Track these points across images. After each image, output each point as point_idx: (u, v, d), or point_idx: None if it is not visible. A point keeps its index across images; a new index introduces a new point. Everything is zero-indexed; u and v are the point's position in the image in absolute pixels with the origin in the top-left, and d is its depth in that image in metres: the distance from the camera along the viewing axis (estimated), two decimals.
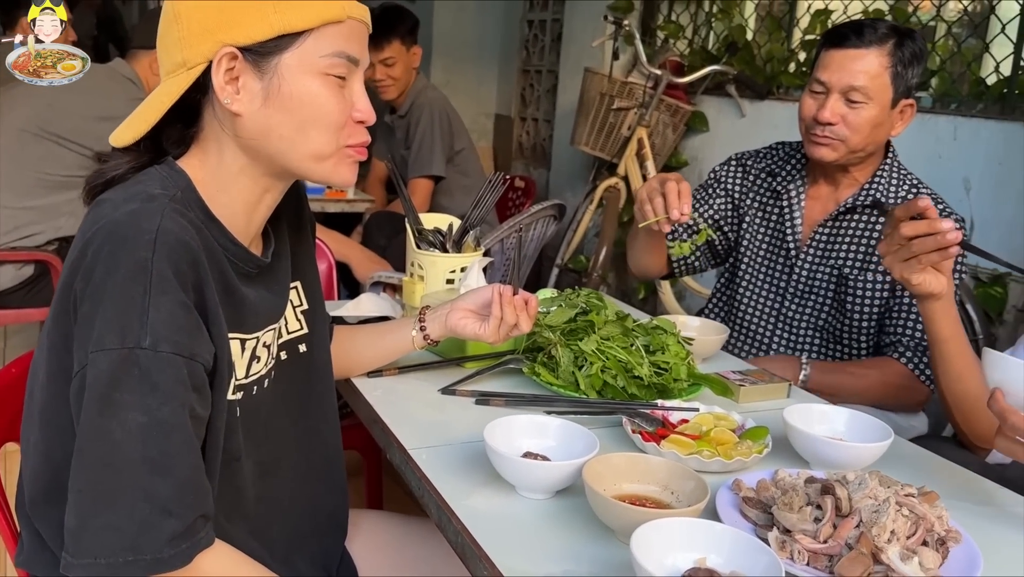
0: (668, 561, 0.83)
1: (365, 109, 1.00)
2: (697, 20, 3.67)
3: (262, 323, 1.02)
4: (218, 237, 0.95)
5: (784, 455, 1.17)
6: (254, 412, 1.02)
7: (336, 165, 1.00)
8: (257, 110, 0.94)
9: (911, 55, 1.63)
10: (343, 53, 0.96)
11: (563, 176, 4.28)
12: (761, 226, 1.88)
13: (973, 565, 0.90)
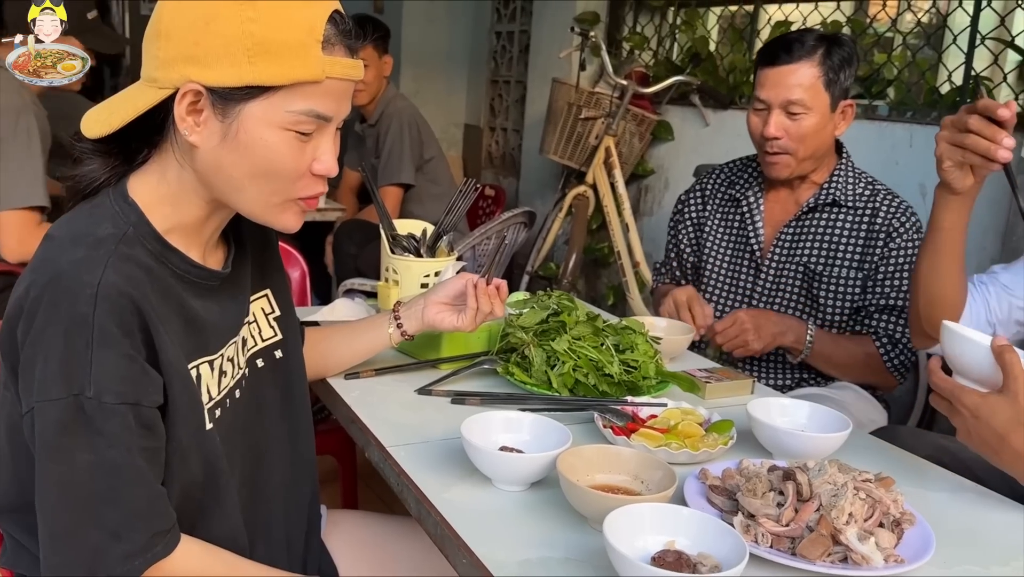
0: (639, 544, 0.87)
1: (327, 164, 0.98)
2: (661, 32, 3.75)
3: (225, 339, 1.04)
4: (177, 264, 0.97)
5: (748, 447, 1.22)
6: (232, 422, 1.05)
7: (281, 213, 1.00)
8: (212, 147, 0.94)
9: (841, 60, 1.72)
10: (312, 112, 0.93)
11: (532, 185, 4.33)
12: (723, 233, 1.94)
13: (926, 545, 0.96)
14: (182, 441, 0.95)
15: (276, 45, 0.89)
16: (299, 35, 0.90)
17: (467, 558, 0.93)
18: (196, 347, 0.98)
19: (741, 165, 1.97)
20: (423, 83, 4.86)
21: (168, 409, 0.93)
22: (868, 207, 1.80)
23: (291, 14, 0.90)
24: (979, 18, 2.49)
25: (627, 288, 3.29)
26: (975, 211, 2.36)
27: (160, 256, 0.95)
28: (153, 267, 0.94)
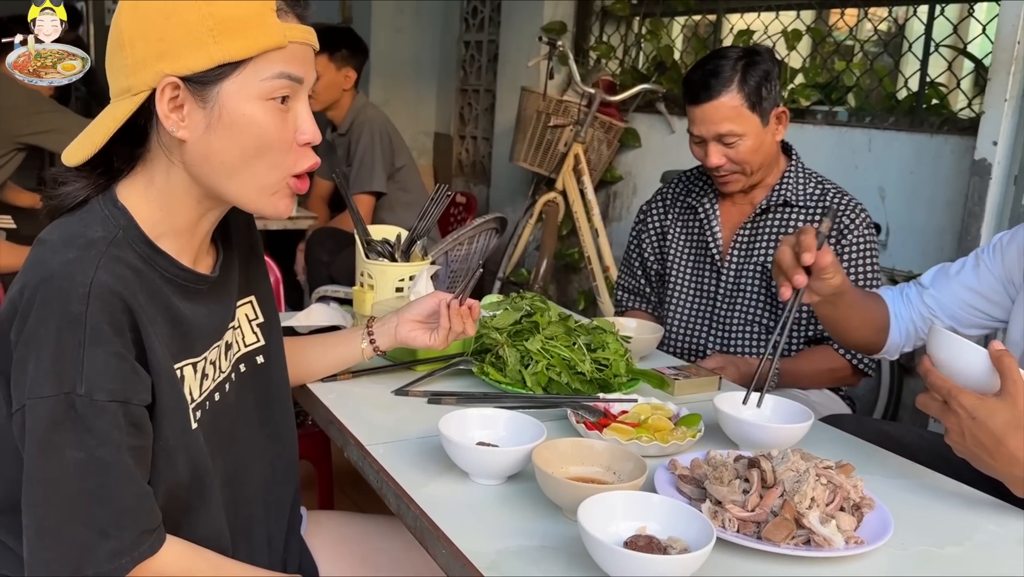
0: (611, 530, 0.91)
1: (310, 130, 1.00)
2: (627, 41, 3.82)
3: (210, 341, 1.06)
4: (165, 268, 0.98)
5: (715, 439, 1.26)
6: (213, 426, 1.07)
7: (277, 198, 1.02)
8: (200, 137, 0.96)
9: (759, 79, 1.77)
10: (284, 73, 0.96)
11: (503, 192, 4.38)
12: (685, 240, 2.00)
13: (885, 527, 1.01)
14: (168, 441, 0.97)
15: (236, 21, 0.92)
16: (255, 7, 0.94)
17: (446, 549, 0.96)
18: (181, 349, 1.00)
19: (697, 173, 2.03)
20: (392, 92, 4.89)
21: (156, 409, 0.95)
22: (819, 206, 1.86)
23: None
24: (933, 26, 2.59)
25: (598, 292, 3.34)
26: (932, 215, 2.47)
27: (149, 259, 0.97)
28: (142, 269, 0.96)
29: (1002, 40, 2.18)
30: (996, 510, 1.13)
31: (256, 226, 1.23)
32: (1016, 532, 1.07)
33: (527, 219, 3.52)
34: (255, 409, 1.17)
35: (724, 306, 1.93)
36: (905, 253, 2.55)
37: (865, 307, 1.44)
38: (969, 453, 1.08)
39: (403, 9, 4.92)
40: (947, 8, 2.60)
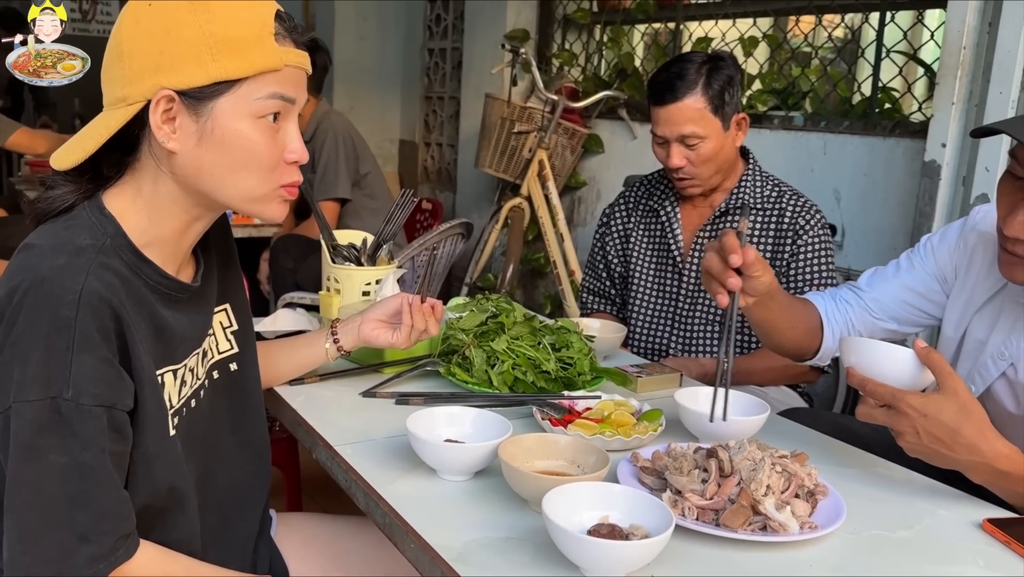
0: (575, 519, 0.93)
1: (298, 150, 1.03)
2: (589, 48, 3.87)
3: (189, 349, 1.08)
4: (150, 276, 1.00)
5: (676, 433, 1.30)
6: (188, 431, 1.08)
7: (268, 203, 1.05)
8: (191, 149, 0.98)
9: (722, 84, 1.82)
10: (277, 94, 0.99)
11: (469, 198, 4.40)
12: (647, 242, 2.05)
13: (838, 512, 1.05)
14: (148, 448, 0.98)
15: (236, 41, 0.95)
16: (255, 30, 0.97)
17: (415, 543, 0.99)
18: (163, 356, 1.02)
19: (658, 176, 2.08)
20: (357, 100, 4.90)
21: (137, 415, 0.96)
22: (775, 208, 1.91)
23: (244, 13, 0.97)
24: (884, 33, 2.67)
25: (564, 296, 3.38)
26: (885, 215, 2.54)
27: (135, 267, 0.98)
28: (128, 277, 0.97)
29: (949, 46, 2.25)
30: (944, 496, 1.18)
31: (232, 235, 1.25)
32: (963, 516, 1.11)
33: (493, 225, 3.55)
34: (227, 415, 1.18)
35: (686, 306, 1.97)
36: (860, 253, 2.62)
37: (794, 310, 1.44)
38: (926, 451, 1.11)
39: (366, 17, 4.94)
40: (898, 15, 2.68)
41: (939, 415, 1.07)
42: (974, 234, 1.40)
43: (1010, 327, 1.32)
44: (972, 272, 1.39)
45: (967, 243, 1.40)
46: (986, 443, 1.08)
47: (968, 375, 1.39)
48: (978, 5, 2.19)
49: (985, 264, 1.36)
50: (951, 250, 1.42)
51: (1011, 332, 1.32)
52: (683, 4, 3.38)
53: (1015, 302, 1.31)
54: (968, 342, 1.39)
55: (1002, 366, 1.33)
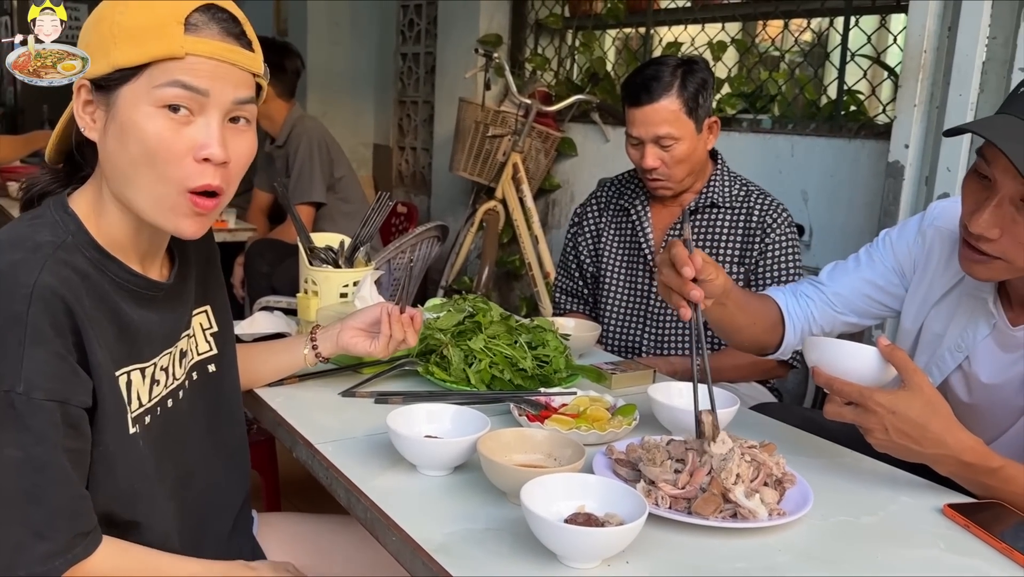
0: (552, 509, 0.96)
1: (212, 145, 0.96)
2: (561, 53, 3.92)
3: (159, 348, 1.08)
4: (116, 273, 1.00)
5: (650, 427, 1.33)
6: (164, 431, 1.09)
7: (174, 213, 0.99)
8: (103, 140, 0.99)
9: (697, 87, 1.87)
10: (177, 82, 0.95)
11: (444, 201, 4.43)
12: (618, 241, 2.09)
13: (805, 500, 1.08)
14: (109, 446, 0.98)
15: (137, 29, 0.95)
16: (159, 19, 0.95)
17: (397, 536, 1.01)
18: (129, 353, 1.03)
19: (629, 176, 2.12)
20: (330, 105, 4.91)
21: (96, 412, 0.97)
22: (744, 207, 1.96)
23: (155, 4, 0.96)
24: (849, 37, 2.73)
25: (539, 298, 3.41)
26: (851, 215, 2.60)
27: (99, 264, 0.99)
28: (91, 273, 0.98)
29: (910, 49, 2.32)
30: (907, 483, 1.22)
31: (214, 236, 1.25)
32: (925, 502, 1.16)
33: (468, 228, 3.58)
34: (205, 417, 1.19)
35: (657, 305, 2.01)
36: (827, 252, 2.68)
37: (751, 307, 1.46)
38: (895, 447, 1.13)
39: (339, 22, 4.95)
40: (863, 20, 2.75)
41: (907, 411, 1.10)
42: (932, 229, 1.44)
43: (966, 321, 1.37)
44: (930, 267, 1.43)
45: (925, 238, 1.45)
46: (952, 437, 1.11)
47: (926, 367, 1.43)
48: (937, 10, 2.26)
49: (943, 259, 1.41)
50: (909, 244, 1.46)
51: (967, 325, 1.37)
52: (653, 9, 3.43)
53: (971, 296, 1.36)
54: (925, 335, 1.43)
55: (958, 358, 1.38)
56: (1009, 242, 1.17)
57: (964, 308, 1.38)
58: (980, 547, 1.04)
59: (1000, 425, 1.35)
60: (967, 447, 1.12)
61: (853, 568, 0.98)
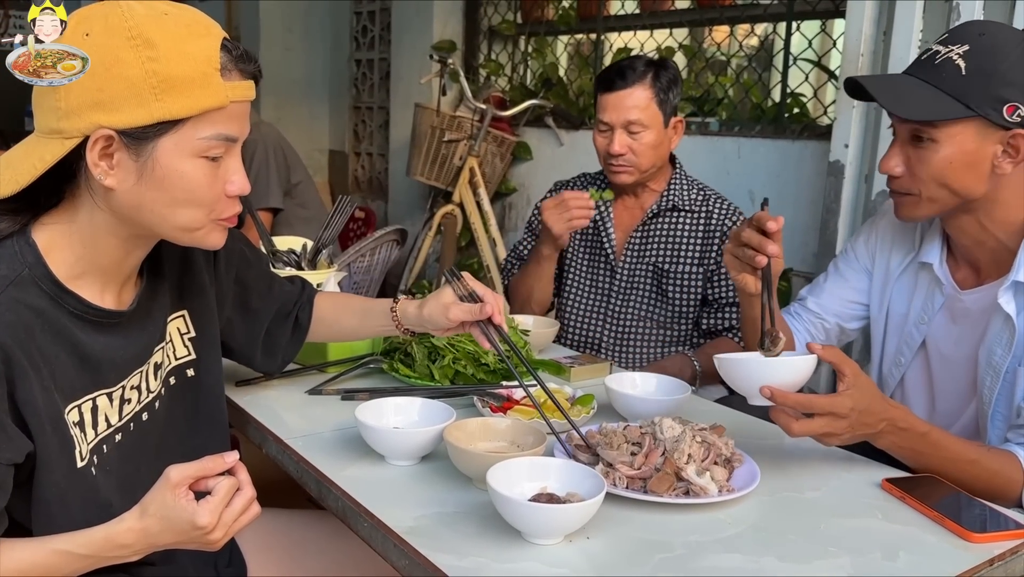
0: (516, 490, 1.02)
1: (240, 183, 1.03)
2: (515, 59, 3.98)
3: (125, 372, 1.07)
4: (73, 305, 1.00)
5: (608, 415, 1.40)
6: (137, 442, 1.10)
7: (207, 234, 1.05)
8: (130, 187, 0.97)
9: (668, 81, 1.96)
10: (221, 135, 0.98)
11: (401, 206, 4.46)
12: (580, 240, 2.15)
13: (753, 477, 1.16)
14: (59, 484, 0.98)
15: (180, 79, 0.94)
16: (200, 67, 0.95)
17: (368, 522, 1.05)
18: (92, 381, 1.03)
19: (590, 180, 2.19)
20: (284, 111, 4.91)
21: (40, 455, 0.96)
22: (703, 210, 2.04)
23: (188, 49, 0.95)
24: (791, 42, 2.84)
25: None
26: (797, 214, 2.70)
27: (56, 297, 0.98)
28: (46, 308, 0.97)
29: (848, 53, 2.42)
30: (849, 461, 1.30)
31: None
32: (865, 477, 1.24)
33: (426, 232, 3.63)
34: (183, 421, 1.19)
35: (618, 303, 2.08)
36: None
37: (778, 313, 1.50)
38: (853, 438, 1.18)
39: (292, 28, 4.96)
40: (805, 25, 2.86)
41: (867, 404, 1.15)
42: (882, 219, 1.56)
43: (924, 293, 1.46)
44: (885, 250, 1.54)
45: (877, 228, 1.56)
46: (889, 409, 1.19)
47: (897, 348, 1.51)
48: (873, 14, 2.37)
49: (897, 239, 1.51)
50: (866, 241, 1.57)
51: (926, 298, 1.46)
52: (603, 16, 3.52)
53: (923, 266, 1.46)
54: (892, 317, 1.52)
55: (924, 331, 1.46)
56: (908, 178, 1.33)
57: (921, 281, 1.47)
58: (915, 516, 1.12)
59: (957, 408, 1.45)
60: (900, 416, 1.19)
61: (798, 538, 1.05)
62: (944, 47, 1.28)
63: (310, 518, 1.42)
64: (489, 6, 4.02)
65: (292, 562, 1.35)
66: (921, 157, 1.30)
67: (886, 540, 1.05)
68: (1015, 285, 1.31)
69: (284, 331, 1.41)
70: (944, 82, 1.25)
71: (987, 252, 1.37)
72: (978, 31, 1.28)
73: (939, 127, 1.27)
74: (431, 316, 1.28)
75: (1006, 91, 1.24)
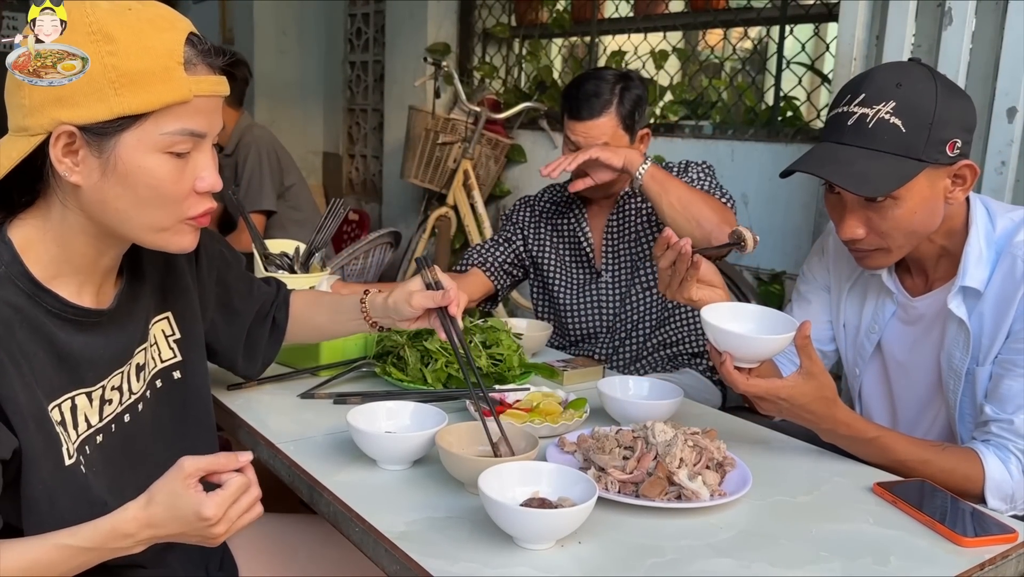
0: (509, 495, 1.02)
1: (210, 180, 1.01)
2: (509, 61, 3.99)
3: (105, 371, 1.06)
4: (51, 304, 0.99)
5: (600, 419, 1.39)
6: (120, 445, 1.09)
7: (174, 235, 1.02)
8: (94, 183, 0.96)
9: (633, 103, 1.96)
10: (185, 130, 0.96)
11: (395, 208, 4.46)
12: (560, 243, 2.15)
13: (745, 481, 1.16)
14: (47, 481, 0.97)
15: (140, 74, 0.92)
16: (161, 60, 0.94)
17: (359, 526, 1.05)
18: (71, 380, 1.02)
19: (561, 187, 2.21)
20: (278, 113, 4.91)
21: (25, 452, 0.95)
22: None
23: (149, 43, 0.93)
24: (785, 45, 2.85)
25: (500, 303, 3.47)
26: (790, 217, 2.71)
27: (33, 295, 0.98)
28: (24, 306, 0.97)
29: (841, 57, 2.43)
30: (840, 464, 1.30)
31: None
32: (856, 482, 1.24)
33: (420, 234, 3.62)
34: (170, 424, 1.18)
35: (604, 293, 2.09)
36: (768, 253, 2.79)
37: None
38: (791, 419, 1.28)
39: (286, 31, 4.96)
40: (798, 29, 2.87)
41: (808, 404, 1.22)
42: (829, 236, 1.57)
43: (875, 303, 1.49)
44: (836, 266, 1.55)
45: (826, 245, 1.58)
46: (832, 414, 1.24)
47: (853, 359, 1.54)
48: (866, 19, 2.37)
49: (846, 254, 1.52)
50: (820, 259, 1.59)
51: (876, 308, 1.48)
52: (598, 19, 3.52)
53: (872, 276, 1.48)
54: (847, 329, 1.54)
55: (874, 340, 1.49)
56: (874, 236, 1.32)
57: (871, 291, 1.50)
58: (905, 520, 1.12)
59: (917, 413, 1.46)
60: (843, 422, 1.25)
61: (790, 543, 1.05)
62: (869, 108, 1.26)
63: (302, 522, 1.42)
64: (483, 9, 4.02)
65: (284, 566, 1.34)
66: (884, 216, 1.29)
67: (877, 544, 1.05)
68: (963, 290, 1.34)
69: (263, 332, 1.41)
70: (887, 144, 1.24)
71: (933, 258, 1.40)
72: (893, 82, 1.26)
73: None
74: (395, 304, 1.29)
75: (945, 132, 1.25)
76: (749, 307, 1.33)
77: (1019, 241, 1.31)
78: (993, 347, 1.32)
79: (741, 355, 1.22)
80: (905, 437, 1.29)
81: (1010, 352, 1.30)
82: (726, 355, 1.22)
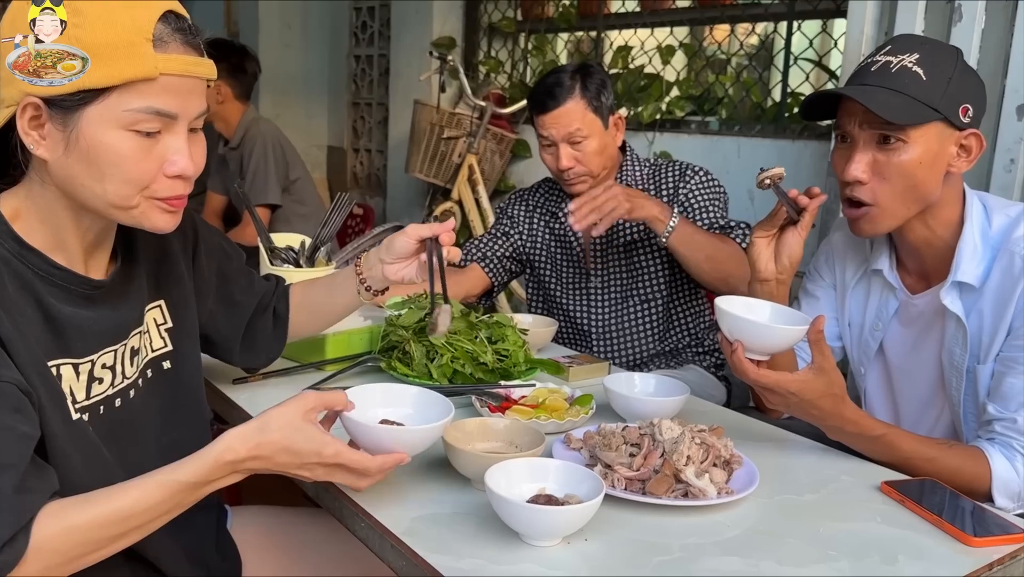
0: (515, 491, 1.01)
1: (181, 164, 0.98)
2: (514, 56, 3.97)
3: (94, 346, 1.04)
4: (37, 266, 0.98)
5: (606, 416, 1.39)
6: (111, 430, 1.06)
7: (144, 213, 1.00)
8: (59, 157, 0.95)
9: (597, 86, 1.96)
10: (150, 108, 0.94)
11: (400, 203, 4.45)
12: (551, 240, 2.15)
13: (752, 479, 1.15)
14: (57, 436, 0.96)
15: (102, 47, 0.91)
16: (126, 35, 0.92)
17: (365, 522, 1.05)
18: (56, 347, 1.00)
19: (551, 184, 2.20)
20: (283, 107, 4.90)
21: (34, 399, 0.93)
22: (653, 180, 2.06)
23: (116, 17, 0.92)
24: (792, 41, 2.84)
25: (495, 297, 3.46)
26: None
27: (18, 256, 0.98)
28: (11, 260, 0.97)
29: (849, 53, 2.42)
30: (848, 463, 1.29)
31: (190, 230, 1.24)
32: (864, 480, 1.23)
33: None
34: (160, 414, 1.16)
35: (596, 290, 2.09)
36: None
37: None
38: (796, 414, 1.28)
39: (291, 25, 4.95)
40: (805, 25, 2.86)
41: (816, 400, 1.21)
42: (835, 233, 1.57)
43: (878, 300, 1.48)
44: (841, 263, 1.55)
45: (832, 242, 1.57)
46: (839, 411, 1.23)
47: (858, 358, 1.53)
48: (875, 15, 2.36)
49: (850, 252, 1.51)
50: (826, 258, 1.58)
51: (880, 305, 1.48)
52: (604, 14, 3.51)
53: (876, 273, 1.47)
54: (852, 328, 1.53)
55: (878, 337, 1.48)
56: (878, 183, 1.31)
57: (874, 288, 1.49)
58: (914, 520, 1.12)
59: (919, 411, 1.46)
60: (850, 420, 1.24)
61: (797, 541, 1.05)
62: (894, 57, 1.29)
63: (307, 516, 1.41)
64: (489, 3, 4.01)
65: (288, 560, 1.34)
66: (890, 159, 1.30)
67: (885, 544, 1.05)
68: (957, 285, 1.34)
69: (265, 324, 1.40)
70: (908, 88, 1.27)
71: (932, 253, 1.39)
72: (919, 41, 1.33)
73: (909, 129, 1.28)
74: (389, 243, 1.32)
75: (960, 94, 1.28)
76: (763, 302, 1.33)
77: (1017, 237, 1.31)
78: (994, 345, 1.31)
79: (752, 344, 1.22)
80: (911, 435, 1.28)
81: (1011, 349, 1.29)
82: (737, 344, 1.22)
